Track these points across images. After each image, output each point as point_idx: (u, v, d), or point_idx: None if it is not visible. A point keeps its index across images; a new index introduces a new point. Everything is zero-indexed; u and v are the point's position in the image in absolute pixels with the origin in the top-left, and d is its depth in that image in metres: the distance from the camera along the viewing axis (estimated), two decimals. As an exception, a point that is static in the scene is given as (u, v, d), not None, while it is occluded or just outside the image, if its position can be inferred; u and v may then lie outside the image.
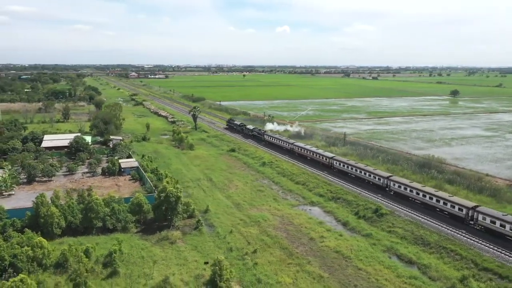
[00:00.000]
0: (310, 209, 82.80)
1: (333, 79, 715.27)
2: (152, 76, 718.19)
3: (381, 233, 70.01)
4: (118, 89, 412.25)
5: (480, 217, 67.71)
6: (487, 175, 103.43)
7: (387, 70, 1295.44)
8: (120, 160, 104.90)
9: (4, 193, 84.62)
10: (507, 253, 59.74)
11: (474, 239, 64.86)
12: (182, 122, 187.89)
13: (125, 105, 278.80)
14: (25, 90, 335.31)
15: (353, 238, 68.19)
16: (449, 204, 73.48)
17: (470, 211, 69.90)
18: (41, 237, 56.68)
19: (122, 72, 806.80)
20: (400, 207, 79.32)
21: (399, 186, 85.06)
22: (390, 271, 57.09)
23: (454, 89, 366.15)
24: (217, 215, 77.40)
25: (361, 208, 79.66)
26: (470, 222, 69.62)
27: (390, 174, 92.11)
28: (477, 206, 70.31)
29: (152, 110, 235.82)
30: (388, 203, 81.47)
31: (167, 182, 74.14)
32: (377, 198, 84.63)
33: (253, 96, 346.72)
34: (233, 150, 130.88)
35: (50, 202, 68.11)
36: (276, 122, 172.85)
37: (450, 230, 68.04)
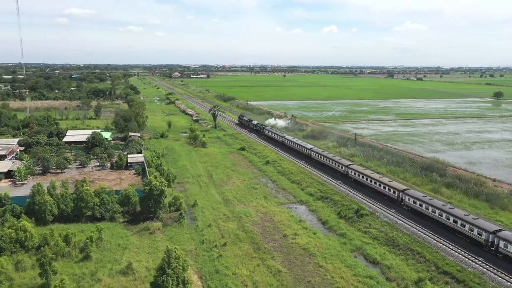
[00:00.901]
0: (296, 208, 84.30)
1: (374, 80, 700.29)
2: (194, 76, 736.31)
3: (356, 233, 70.46)
4: (158, 88, 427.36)
5: (406, 198, 76.82)
6: (494, 180, 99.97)
7: (437, 70, 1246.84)
8: (129, 155, 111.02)
9: (17, 182, 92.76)
10: (472, 257, 58.65)
11: (443, 242, 64.01)
12: (204, 121, 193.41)
13: (158, 103, 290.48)
14: (71, 88, 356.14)
15: (326, 237, 69.19)
16: (387, 188, 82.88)
17: (400, 194, 78.84)
18: (25, 221, 62.65)
19: (166, 72, 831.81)
20: (381, 207, 79.17)
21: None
22: (349, 270, 57.88)
23: (498, 91, 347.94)
24: (203, 210, 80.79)
25: (344, 208, 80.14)
26: (401, 203, 78.52)
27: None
28: (406, 189, 79.15)
29: (181, 109, 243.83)
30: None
31: (154, 177, 78.48)
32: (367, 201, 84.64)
33: (286, 96, 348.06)
34: (243, 149, 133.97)
35: (46, 191, 74.37)
36: (275, 117, 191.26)
37: (422, 233, 67.37)
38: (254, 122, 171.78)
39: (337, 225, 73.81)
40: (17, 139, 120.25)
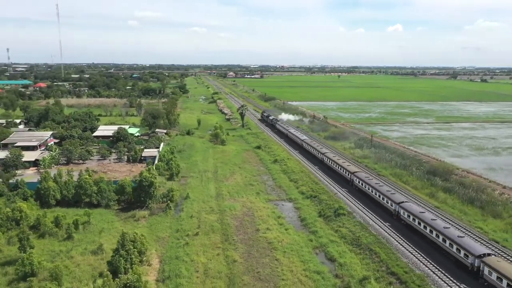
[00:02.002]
0: (283, 205, 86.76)
1: (434, 81, 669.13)
2: (248, 76, 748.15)
3: (327, 231, 71.76)
4: (208, 87, 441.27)
5: (354, 178, 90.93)
6: (504, 187, 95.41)
7: (509, 71, 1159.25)
8: (145, 150, 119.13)
9: (41, 170, 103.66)
10: (424, 259, 58.22)
11: (404, 244, 63.76)
12: (235, 120, 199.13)
13: (202, 102, 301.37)
14: (127, 87, 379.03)
15: (296, 233, 71.25)
16: (343, 170, 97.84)
17: (351, 176, 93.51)
18: (21, 203, 71.34)
19: (222, 72, 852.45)
20: (361, 206, 79.50)
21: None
22: (301, 265, 59.94)
23: None
24: (193, 202, 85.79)
25: (326, 207, 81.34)
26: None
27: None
28: (355, 172, 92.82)
29: (219, 108, 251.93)
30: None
31: (147, 170, 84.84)
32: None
33: (331, 97, 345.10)
34: (258, 147, 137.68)
35: (52, 178, 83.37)
36: (289, 113, 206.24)
37: (388, 234, 67.31)
38: (271, 117, 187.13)
39: (313, 223, 75.43)
40: (50, 132, 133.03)
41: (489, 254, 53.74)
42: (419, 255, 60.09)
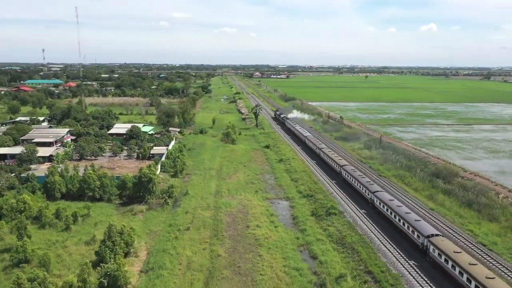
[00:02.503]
0: (279, 203, 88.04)
1: (465, 82, 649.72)
2: (274, 76, 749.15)
3: (316, 230, 72.56)
4: (231, 87, 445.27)
5: (342, 171, 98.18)
6: (510, 191, 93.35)
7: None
8: (154, 147, 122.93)
9: (60, 166, 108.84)
10: (403, 260, 58.36)
11: (387, 245, 63.93)
12: (250, 120, 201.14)
13: (223, 102, 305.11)
14: (152, 87, 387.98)
15: (285, 231, 72.42)
16: (334, 163, 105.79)
17: (340, 168, 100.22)
18: (25, 195, 75.65)
19: (248, 72, 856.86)
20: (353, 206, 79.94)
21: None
22: (282, 261, 61.20)
23: None
24: (191, 199, 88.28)
25: (320, 206, 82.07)
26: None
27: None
28: (344, 166, 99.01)
29: (238, 108, 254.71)
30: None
31: (148, 166, 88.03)
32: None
33: (353, 97, 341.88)
34: (267, 147, 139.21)
35: (59, 173, 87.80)
36: (305, 113, 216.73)
37: (374, 234, 67.54)
38: (282, 115, 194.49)
39: (304, 221, 76.35)
40: (67, 129, 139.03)
41: (437, 235, 58.70)
42: (398, 254, 60.22)
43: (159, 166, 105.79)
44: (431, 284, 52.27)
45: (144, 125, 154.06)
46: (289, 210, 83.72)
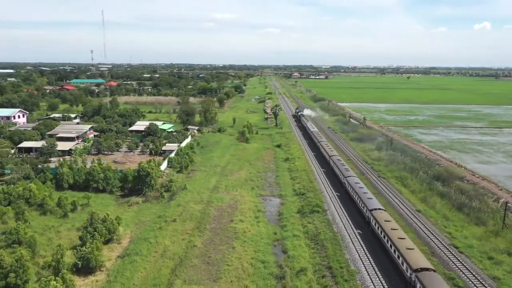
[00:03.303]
0: (270, 200, 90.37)
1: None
2: (313, 77, 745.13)
3: (296, 226, 74.31)
4: (266, 87, 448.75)
5: (330, 160, 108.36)
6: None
7: None
8: (167, 144, 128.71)
9: (72, 159, 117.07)
10: (364, 257, 59.23)
11: (356, 244, 64.78)
12: (272, 120, 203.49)
13: (254, 102, 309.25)
14: (188, 86, 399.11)
15: (265, 227, 74.77)
16: (325, 154, 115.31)
17: (329, 158, 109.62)
18: (32, 184, 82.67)
19: (288, 72, 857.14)
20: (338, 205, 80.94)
21: None
22: (252, 253, 63.80)
23: None
24: (187, 193, 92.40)
25: (307, 204, 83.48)
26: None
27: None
28: (332, 156, 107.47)
29: (264, 108, 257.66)
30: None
31: (147, 162, 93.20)
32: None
33: (386, 98, 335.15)
34: (278, 146, 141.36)
35: (68, 165, 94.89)
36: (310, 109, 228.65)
37: (348, 233, 68.45)
38: (299, 113, 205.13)
39: (287, 218, 78.19)
40: (89, 126, 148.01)
41: (379, 209, 68.08)
42: (363, 252, 61.11)
43: (165, 162, 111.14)
44: (382, 280, 53.04)
45: (164, 123, 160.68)
46: (278, 207, 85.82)
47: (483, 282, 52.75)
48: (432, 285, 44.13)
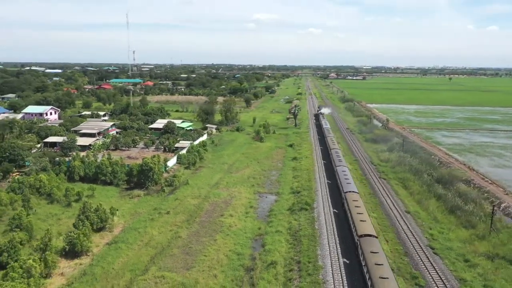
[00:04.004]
0: (266, 197, 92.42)
1: None
2: (350, 78, 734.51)
3: (282, 222, 76.02)
4: (299, 88, 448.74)
5: (330, 152, 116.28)
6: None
7: None
8: (181, 141, 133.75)
9: (90, 153, 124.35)
10: (334, 255, 60.35)
11: (331, 241, 65.80)
12: (292, 120, 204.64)
13: (282, 102, 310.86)
14: (221, 86, 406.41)
15: (252, 222, 76.97)
16: (328, 147, 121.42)
17: (330, 151, 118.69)
18: (42, 175, 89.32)
19: (325, 73, 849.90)
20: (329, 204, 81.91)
21: None
22: (231, 246, 66.41)
23: None
24: (188, 188, 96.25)
25: (299, 201, 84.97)
26: None
27: None
28: (333, 149, 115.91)
29: (290, 108, 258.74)
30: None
31: (151, 157, 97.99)
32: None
33: (419, 100, 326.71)
34: (291, 145, 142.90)
35: (80, 159, 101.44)
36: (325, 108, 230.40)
37: (327, 229, 69.51)
38: (319, 111, 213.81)
39: (276, 215, 79.91)
40: (111, 123, 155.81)
41: (353, 191, 76.32)
42: (334, 249, 62.18)
43: (175, 158, 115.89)
44: (342, 276, 54.20)
45: (183, 121, 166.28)
46: (271, 204, 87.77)
47: (446, 283, 52.64)
48: (367, 246, 53.52)
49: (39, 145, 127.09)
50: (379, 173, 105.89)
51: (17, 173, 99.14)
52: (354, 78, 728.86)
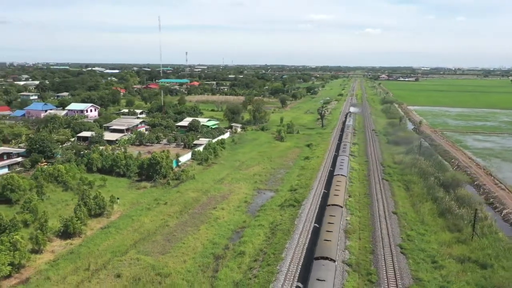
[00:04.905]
0: (264, 193, 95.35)
1: None
2: (402, 79, 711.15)
3: (267, 218, 78.50)
4: (343, 89, 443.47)
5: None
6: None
7: None
8: (200, 139, 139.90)
9: (116, 148, 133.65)
10: (299, 249, 62.22)
11: (304, 236, 67.63)
12: (320, 121, 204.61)
13: (321, 103, 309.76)
14: (265, 87, 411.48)
15: (240, 215, 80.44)
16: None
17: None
18: (60, 165, 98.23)
19: (374, 74, 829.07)
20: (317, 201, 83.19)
21: None
22: (211, 236, 70.41)
23: None
24: (193, 182, 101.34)
25: (291, 198, 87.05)
26: None
27: None
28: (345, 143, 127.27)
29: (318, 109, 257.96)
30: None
31: (160, 152, 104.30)
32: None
33: (467, 103, 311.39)
34: (308, 145, 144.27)
35: (99, 152, 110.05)
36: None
37: (303, 225, 71.29)
38: (348, 112, 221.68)
39: (265, 210, 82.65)
40: (140, 120, 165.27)
41: (341, 174, 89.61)
42: (302, 244, 64.09)
43: (189, 154, 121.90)
44: (298, 267, 56.26)
45: (208, 120, 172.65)
46: (266, 200, 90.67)
47: (399, 281, 53.18)
48: (330, 211, 67.97)
49: (72, 139, 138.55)
50: (384, 175, 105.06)
51: (45, 163, 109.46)
52: (406, 79, 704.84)
